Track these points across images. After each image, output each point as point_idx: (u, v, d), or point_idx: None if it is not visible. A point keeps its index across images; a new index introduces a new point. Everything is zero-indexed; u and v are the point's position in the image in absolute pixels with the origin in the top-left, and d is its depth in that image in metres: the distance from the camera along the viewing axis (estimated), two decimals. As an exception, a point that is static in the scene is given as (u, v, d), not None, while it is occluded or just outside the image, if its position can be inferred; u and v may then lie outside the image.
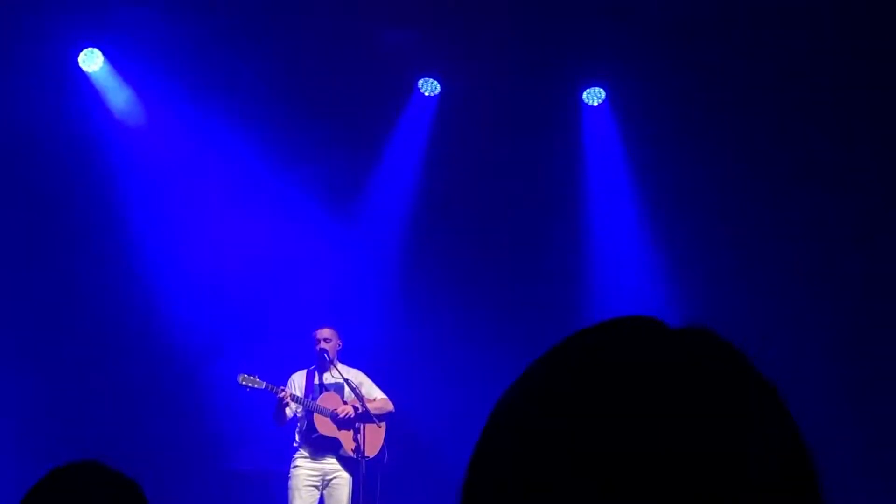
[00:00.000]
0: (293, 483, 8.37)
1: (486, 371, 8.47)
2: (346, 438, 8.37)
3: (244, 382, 8.24)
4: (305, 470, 8.38)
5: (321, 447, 8.37)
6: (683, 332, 0.90)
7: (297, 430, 8.45)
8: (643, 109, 10.05)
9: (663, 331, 0.90)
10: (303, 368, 8.62)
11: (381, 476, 8.37)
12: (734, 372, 0.88)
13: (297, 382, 8.52)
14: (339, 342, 8.60)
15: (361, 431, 8.33)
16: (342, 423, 8.36)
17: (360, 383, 8.54)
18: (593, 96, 10.27)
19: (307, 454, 8.40)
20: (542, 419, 0.85)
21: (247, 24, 9.42)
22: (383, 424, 8.49)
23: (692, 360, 0.87)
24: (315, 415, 8.36)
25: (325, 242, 10.01)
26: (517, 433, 0.86)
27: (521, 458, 0.84)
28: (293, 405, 8.35)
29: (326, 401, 8.42)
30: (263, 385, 8.26)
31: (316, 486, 8.39)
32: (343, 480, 8.37)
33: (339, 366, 8.53)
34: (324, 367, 8.53)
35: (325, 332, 8.56)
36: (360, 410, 8.34)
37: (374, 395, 8.55)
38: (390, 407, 8.57)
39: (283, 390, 8.27)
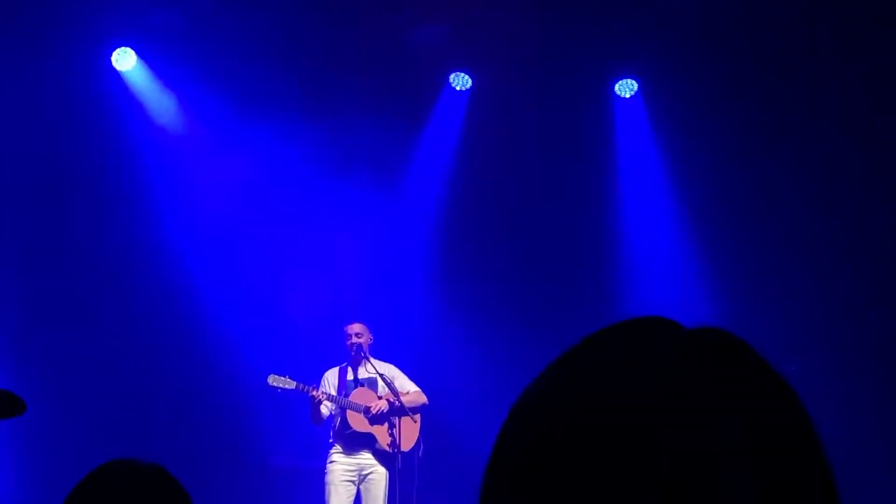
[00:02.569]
0: (329, 479, 8.40)
1: (522, 363, 8.46)
2: (380, 433, 8.39)
3: (274, 383, 8.26)
4: (341, 465, 8.40)
5: (356, 443, 8.39)
6: (698, 332, 0.90)
7: (332, 426, 8.49)
8: (676, 101, 10.00)
9: (677, 331, 0.91)
10: (335, 365, 8.65)
11: (417, 469, 8.39)
12: (748, 371, 0.88)
13: (331, 380, 8.53)
14: (370, 337, 8.60)
15: (397, 425, 8.34)
16: (376, 419, 8.38)
17: (393, 377, 8.54)
18: (625, 88, 10.22)
19: (342, 450, 8.43)
20: (554, 417, 0.86)
21: (278, 21, 9.46)
22: (418, 417, 8.50)
23: (705, 359, 0.87)
24: (348, 411, 8.39)
25: (358, 239, 10.02)
26: (530, 431, 0.87)
27: (532, 455, 0.86)
28: (327, 403, 8.37)
29: (360, 396, 8.44)
30: (294, 385, 8.27)
31: (352, 482, 8.41)
32: (379, 475, 8.38)
33: (372, 360, 8.55)
34: (356, 362, 8.54)
35: (356, 328, 8.57)
36: (395, 404, 8.35)
37: (408, 389, 8.56)
38: (424, 399, 8.57)
39: (314, 389, 8.29)
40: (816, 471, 0.86)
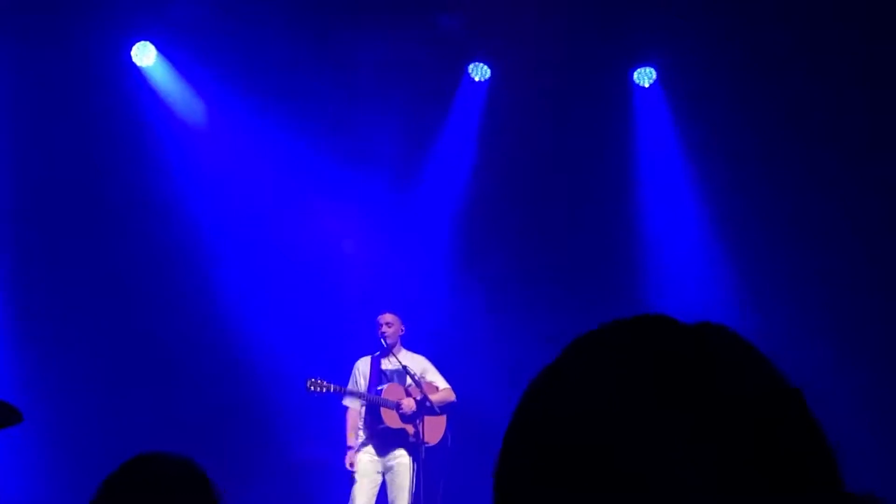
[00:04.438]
0: (355, 470, 8.44)
1: (543, 354, 8.44)
2: (408, 426, 8.42)
3: (313, 388, 8.31)
4: (367, 456, 8.44)
5: (387, 438, 8.41)
6: (698, 329, 0.90)
7: (363, 420, 8.51)
8: (695, 89, 9.96)
9: (677, 328, 0.90)
10: (367, 354, 8.67)
11: (444, 460, 8.40)
12: (749, 368, 0.88)
13: (362, 369, 8.56)
14: (401, 327, 8.61)
15: (422, 419, 8.36)
16: (406, 417, 8.41)
17: (424, 370, 8.55)
18: (644, 77, 10.19)
19: (372, 446, 8.44)
20: (553, 419, 0.86)
21: (298, 12, 9.46)
22: (445, 413, 8.53)
23: (704, 357, 0.86)
24: (381, 408, 8.41)
25: (381, 228, 10.03)
26: (529, 428, 0.88)
27: (531, 452, 0.86)
28: (357, 399, 8.45)
29: (390, 393, 8.45)
30: (332, 388, 8.34)
31: (378, 472, 8.44)
32: (404, 465, 8.39)
33: (403, 351, 8.56)
34: (387, 352, 8.58)
35: (386, 317, 8.57)
36: (426, 403, 8.35)
37: (438, 385, 8.57)
38: (452, 398, 8.57)
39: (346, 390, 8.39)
40: (823, 469, 0.85)
